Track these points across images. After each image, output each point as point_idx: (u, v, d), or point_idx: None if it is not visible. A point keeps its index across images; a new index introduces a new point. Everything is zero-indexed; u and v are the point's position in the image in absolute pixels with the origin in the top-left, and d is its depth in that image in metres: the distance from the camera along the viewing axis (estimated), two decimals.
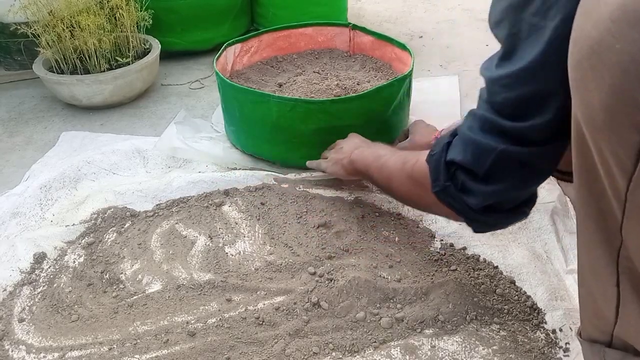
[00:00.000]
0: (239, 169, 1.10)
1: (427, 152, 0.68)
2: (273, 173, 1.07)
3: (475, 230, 0.68)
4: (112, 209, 0.99)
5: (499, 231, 0.92)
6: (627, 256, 0.45)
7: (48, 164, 1.15)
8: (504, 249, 0.88)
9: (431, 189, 0.65)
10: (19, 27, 1.26)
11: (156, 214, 0.98)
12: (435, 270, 0.84)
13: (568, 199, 0.97)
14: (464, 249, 0.89)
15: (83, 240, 0.93)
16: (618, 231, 0.44)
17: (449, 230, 0.92)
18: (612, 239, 0.46)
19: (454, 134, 0.63)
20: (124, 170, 1.11)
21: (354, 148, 0.93)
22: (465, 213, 0.64)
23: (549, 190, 0.98)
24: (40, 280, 0.85)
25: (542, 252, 0.88)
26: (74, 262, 0.89)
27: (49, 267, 0.88)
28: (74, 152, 1.18)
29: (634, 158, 0.39)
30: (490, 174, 0.58)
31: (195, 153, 1.15)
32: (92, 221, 0.97)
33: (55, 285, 0.84)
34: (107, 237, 0.94)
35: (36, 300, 0.82)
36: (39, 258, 0.89)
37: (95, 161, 1.11)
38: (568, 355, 0.72)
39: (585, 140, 0.44)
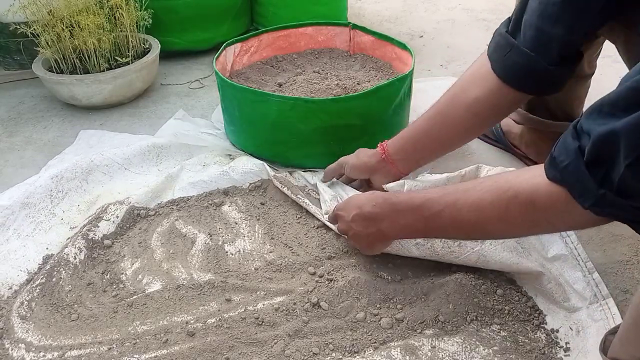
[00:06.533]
0: (238, 156, 1.11)
1: (526, 171, 0.59)
2: (272, 167, 1.07)
3: None
4: (114, 207, 0.98)
5: None
6: None
7: (64, 160, 1.14)
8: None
9: (581, 205, 0.55)
10: (18, 27, 1.26)
11: (157, 213, 0.98)
12: (436, 271, 0.84)
13: None
14: None
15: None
16: None
17: None
18: None
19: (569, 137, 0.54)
20: (136, 166, 1.10)
21: (367, 219, 0.77)
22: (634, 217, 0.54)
23: None
24: (40, 274, 0.84)
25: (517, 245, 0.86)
26: (75, 258, 0.88)
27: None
28: (90, 150, 1.17)
29: None
30: None
31: (197, 139, 1.18)
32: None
33: (54, 279, 0.84)
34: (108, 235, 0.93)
35: (35, 294, 0.81)
36: (47, 259, 0.89)
37: (109, 155, 1.09)
38: (569, 355, 0.72)
39: None
